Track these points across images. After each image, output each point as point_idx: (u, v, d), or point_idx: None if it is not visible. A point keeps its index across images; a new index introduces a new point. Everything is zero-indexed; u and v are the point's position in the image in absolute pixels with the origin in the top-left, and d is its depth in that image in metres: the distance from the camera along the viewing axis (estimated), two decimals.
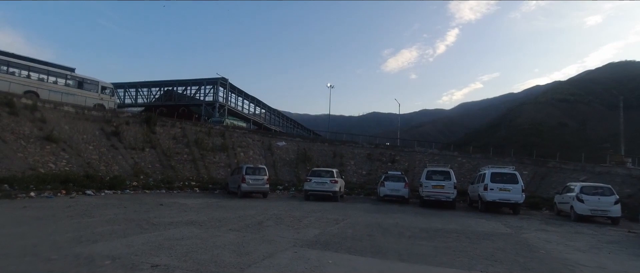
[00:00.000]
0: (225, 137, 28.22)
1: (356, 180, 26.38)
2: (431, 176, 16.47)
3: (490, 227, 11.06)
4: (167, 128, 26.77)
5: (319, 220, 10.91)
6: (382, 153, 28.96)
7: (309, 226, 9.45)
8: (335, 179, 17.45)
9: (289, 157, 28.34)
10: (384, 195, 18.28)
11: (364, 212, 13.49)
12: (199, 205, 13.87)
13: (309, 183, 17.46)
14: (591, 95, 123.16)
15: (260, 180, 18.24)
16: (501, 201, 15.03)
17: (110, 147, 21.78)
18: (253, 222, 9.80)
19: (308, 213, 12.31)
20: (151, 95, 48.23)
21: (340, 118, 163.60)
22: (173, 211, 11.48)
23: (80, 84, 25.27)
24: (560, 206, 15.56)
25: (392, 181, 18.56)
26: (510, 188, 14.97)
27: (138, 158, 22.23)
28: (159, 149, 24.06)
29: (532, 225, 12.08)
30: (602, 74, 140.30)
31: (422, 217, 12.68)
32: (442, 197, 15.95)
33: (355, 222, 10.69)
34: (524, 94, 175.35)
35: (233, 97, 48.69)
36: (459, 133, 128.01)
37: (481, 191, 15.56)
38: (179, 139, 26.07)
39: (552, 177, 22.26)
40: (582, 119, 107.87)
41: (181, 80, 47.48)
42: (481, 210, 15.56)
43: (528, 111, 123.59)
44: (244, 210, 12.50)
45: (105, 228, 8.03)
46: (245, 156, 27.02)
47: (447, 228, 10.32)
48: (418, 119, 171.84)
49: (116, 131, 23.21)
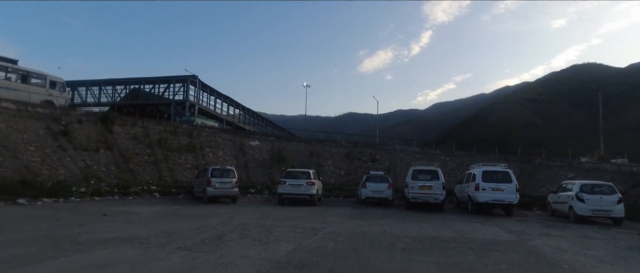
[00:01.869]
0: (192, 136, 25.94)
1: (335, 180, 24.75)
2: (417, 176, 15.02)
3: (489, 233, 9.69)
4: (126, 128, 24.24)
5: (293, 229, 9.18)
6: (362, 151, 27.49)
7: (280, 240, 7.70)
8: (312, 181, 15.72)
9: (262, 157, 26.40)
10: (365, 197, 16.62)
11: (345, 218, 11.85)
12: (153, 213, 11.82)
13: (283, 186, 15.66)
14: (558, 95, 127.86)
15: (229, 182, 16.30)
16: (494, 202, 13.77)
17: (57, 148, 19.16)
18: (212, 236, 7.96)
19: (281, 221, 10.55)
20: (116, 94, 45.47)
21: (317, 119, 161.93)
22: (116, 224, 9.44)
23: (24, 78, 22.38)
24: (555, 207, 14.47)
25: (375, 181, 16.95)
26: (504, 187, 13.74)
27: (90, 161, 19.71)
28: (116, 151, 21.58)
29: (532, 229, 10.82)
30: (567, 75, 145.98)
31: (411, 223, 11.18)
32: (430, 199, 14.51)
33: (337, 232, 9.03)
34: (494, 94, 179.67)
35: (205, 97, 46.55)
36: (433, 132, 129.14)
37: (472, 191, 14.27)
38: (140, 140, 23.62)
39: (539, 174, 21.36)
40: (550, 117, 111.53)
41: (149, 78, 44.84)
42: (472, 212, 14.27)
43: (499, 110, 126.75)
44: (206, 219, 10.59)
45: (7, 252, 6.00)
46: (214, 157, 24.87)
47: (444, 237, 8.84)
48: (393, 119, 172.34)
49: (65, 130, 20.54)
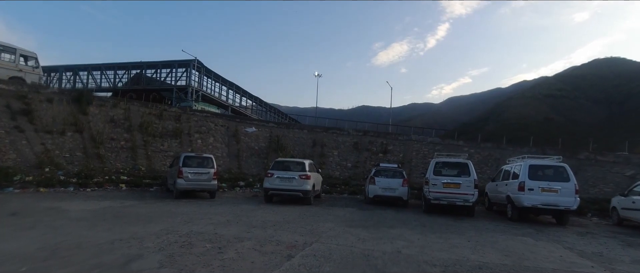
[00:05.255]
0: (181, 121, 22.97)
1: (340, 173, 21.56)
2: (441, 171, 11.67)
3: (556, 258, 6.37)
4: (105, 109, 21.39)
5: (259, 246, 6.03)
6: (372, 141, 24.13)
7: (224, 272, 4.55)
8: (306, 173, 12.51)
9: (258, 145, 23.31)
10: (374, 195, 13.36)
11: (344, 226, 8.65)
12: (85, 213, 8.81)
13: (270, 179, 12.50)
14: (577, 91, 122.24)
15: (205, 173, 13.25)
16: (545, 207, 10.37)
17: (13, 129, 16.41)
18: (118, 260, 4.86)
19: (251, 230, 7.41)
20: (118, 78, 43.10)
21: (329, 111, 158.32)
22: (6, 230, 6.44)
23: None
24: (626, 214, 11.01)
25: (386, 176, 13.65)
26: (558, 187, 10.33)
27: (52, 144, 16.93)
28: (87, 134, 18.75)
29: (613, 250, 7.45)
30: (587, 70, 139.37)
31: (435, 236, 7.92)
32: (458, 201, 11.16)
33: (325, 252, 5.84)
34: (511, 89, 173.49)
35: (210, 83, 43.86)
36: (447, 127, 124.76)
37: (513, 191, 10.90)
38: (119, 123, 20.75)
39: (586, 171, 17.70)
40: (568, 113, 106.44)
41: (151, 62, 42.39)
42: (512, 219, 10.92)
43: (515, 105, 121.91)
44: (145, 225, 7.52)
45: None
46: (203, 144, 21.90)
47: (490, 264, 5.61)
48: (407, 113, 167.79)
49: (28, 109, 17.78)
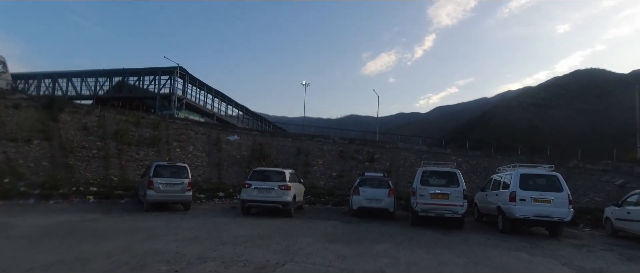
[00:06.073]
0: (159, 128, 21.99)
1: (324, 183, 20.79)
2: (429, 181, 11.03)
3: None
4: (78, 116, 20.34)
5: (223, 268, 5.24)
6: (358, 149, 23.50)
7: None
8: (287, 184, 11.74)
9: (240, 154, 22.43)
10: (358, 207, 12.61)
11: (324, 241, 7.89)
12: (34, 229, 7.86)
13: (248, 190, 11.67)
14: (560, 99, 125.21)
15: (178, 184, 12.35)
16: (538, 219, 9.82)
17: None
18: None
19: (218, 248, 6.60)
20: (99, 86, 41.70)
21: (318, 120, 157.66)
22: None
23: None
24: (620, 225, 10.52)
25: (371, 186, 12.92)
26: (551, 197, 9.80)
27: (16, 153, 15.80)
28: (56, 142, 17.65)
29: (614, 265, 6.88)
30: (569, 80, 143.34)
31: (423, 252, 7.23)
32: (447, 212, 10.51)
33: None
34: (496, 99, 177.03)
35: (195, 91, 42.82)
36: (435, 135, 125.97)
37: (504, 202, 10.33)
38: (92, 130, 19.68)
39: (576, 180, 17.33)
40: (552, 122, 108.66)
41: (134, 69, 41.38)
42: (503, 231, 10.32)
43: (501, 114, 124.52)
44: (99, 243, 6.63)
45: None
46: (182, 153, 20.93)
47: None
48: (395, 122, 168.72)
49: None
